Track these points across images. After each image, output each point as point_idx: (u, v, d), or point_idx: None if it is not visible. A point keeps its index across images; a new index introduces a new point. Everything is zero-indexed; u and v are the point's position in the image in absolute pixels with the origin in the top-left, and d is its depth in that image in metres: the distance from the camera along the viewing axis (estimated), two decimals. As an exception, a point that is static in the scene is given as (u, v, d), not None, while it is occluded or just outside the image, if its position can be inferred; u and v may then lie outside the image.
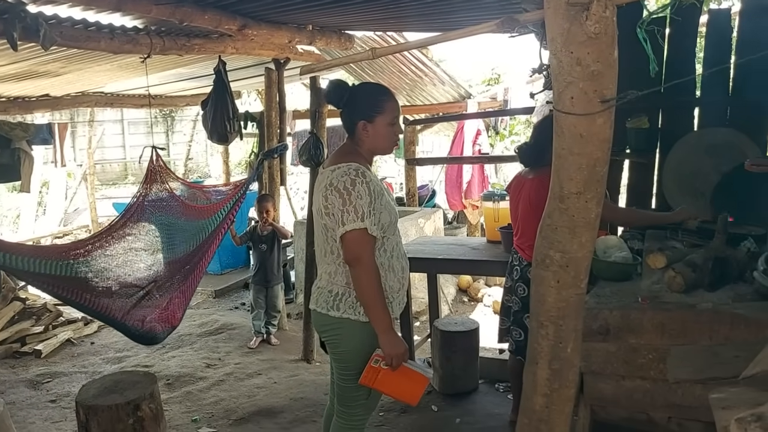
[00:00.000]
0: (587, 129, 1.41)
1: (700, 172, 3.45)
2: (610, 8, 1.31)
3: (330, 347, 2.45)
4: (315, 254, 2.55)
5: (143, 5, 3.37)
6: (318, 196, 2.33)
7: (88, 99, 7.62)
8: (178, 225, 4.58)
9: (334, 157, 2.40)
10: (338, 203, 2.23)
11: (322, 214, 2.30)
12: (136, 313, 4.01)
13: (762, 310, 2.13)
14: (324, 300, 2.38)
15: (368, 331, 2.31)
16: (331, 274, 2.37)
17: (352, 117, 2.39)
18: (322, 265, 2.43)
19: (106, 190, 14.57)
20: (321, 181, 2.35)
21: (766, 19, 3.37)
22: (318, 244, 2.44)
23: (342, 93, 2.38)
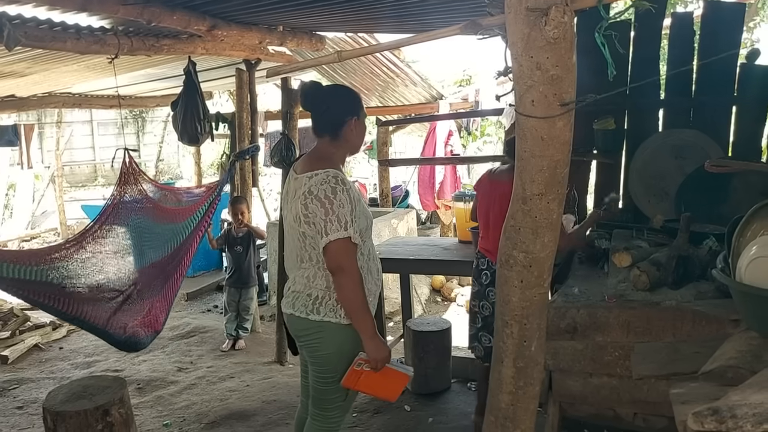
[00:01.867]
0: (548, 132, 1.44)
1: (665, 172, 3.53)
2: (568, 14, 1.34)
3: (309, 351, 2.42)
4: (285, 259, 2.53)
5: (110, 5, 3.32)
6: (295, 203, 2.28)
7: (56, 100, 7.50)
8: (154, 228, 4.53)
9: (308, 161, 2.37)
10: (320, 213, 2.20)
11: (301, 222, 2.26)
12: (117, 320, 3.95)
13: (722, 307, 2.19)
14: (302, 304, 2.35)
15: (349, 333, 2.32)
16: (309, 278, 2.34)
17: (341, 115, 2.36)
18: (297, 269, 2.40)
19: (75, 192, 14.34)
20: (297, 187, 2.31)
21: (726, 23, 3.46)
22: (291, 249, 2.41)
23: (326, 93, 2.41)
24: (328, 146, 2.38)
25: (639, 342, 2.27)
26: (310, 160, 2.37)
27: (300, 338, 2.43)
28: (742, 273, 1.73)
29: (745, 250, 1.77)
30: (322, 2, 3.70)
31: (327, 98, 2.38)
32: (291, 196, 2.36)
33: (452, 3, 3.65)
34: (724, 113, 3.55)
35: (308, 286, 2.35)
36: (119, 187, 4.49)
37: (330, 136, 2.37)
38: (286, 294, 2.47)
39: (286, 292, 2.49)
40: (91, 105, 8.24)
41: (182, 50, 4.63)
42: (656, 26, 3.63)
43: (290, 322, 2.45)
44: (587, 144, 3.69)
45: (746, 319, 1.81)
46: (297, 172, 2.38)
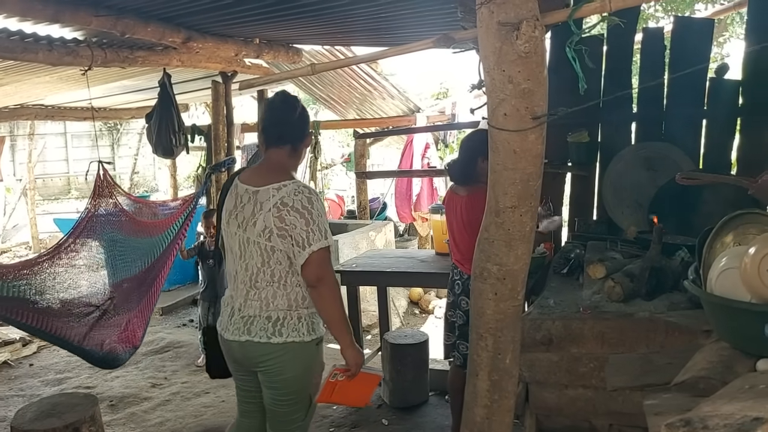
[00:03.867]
0: (520, 145, 1.45)
1: (638, 184, 3.57)
2: (539, 29, 1.35)
3: (270, 375, 2.30)
4: (230, 279, 2.38)
5: (82, 17, 3.29)
6: (263, 216, 2.19)
7: (28, 111, 7.39)
8: (129, 242, 4.46)
9: (266, 173, 2.28)
10: (300, 223, 2.15)
11: (272, 235, 2.18)
12: (94, 336, 3.86)
13: (693, 318, 2.21)
14: (260, 328, 2.24)
15: (312, 350, 2.31)
16: (267, 300, 2.25)
17: (304, 130, 2.35)
18: (250, 290, 2.27)
19: (47, 205, 14.11)
20: (261, 200, 2.21)
21: (696, 38, 3.53)
22: (244, 268, 2.27)
23: (298, 104, 2.36)
24: (286, 158, 2.32)
25: (613, 353, 2.28)
26: (269, 171, 2.28)
27: (260, 365, 2.29)
28: (712, 284, 1.74)
29: (715, 261, 1.79)
30: (298, 15, 3.70)
31: (297, 110, 2.34)
32: (249, 210, 2.24)
33: (427, 17, 3.68)
34: (695, 126, 3.60)
35: (265, 308, 2.25)
36: (93, 200, 4.42)
37: (291, 148, 2.32)
38: (232, 320, 2.31)
39: (229, 317, 2.33)
40: (64, 117, 8.14)
41: (157, 62, 4.60)
42: (628, 41, 3.69)
43: (244, 350, 2.29)
44: (562, 156, 3.73)
45: (717, 329, 1.83)
46: (251, 184, 2.27)
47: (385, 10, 3.53)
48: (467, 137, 3.33)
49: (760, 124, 3.47)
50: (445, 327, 3.43)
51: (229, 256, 2.35)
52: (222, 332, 2.36)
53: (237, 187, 2.32)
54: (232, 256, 2.33)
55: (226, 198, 2.37)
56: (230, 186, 2.37)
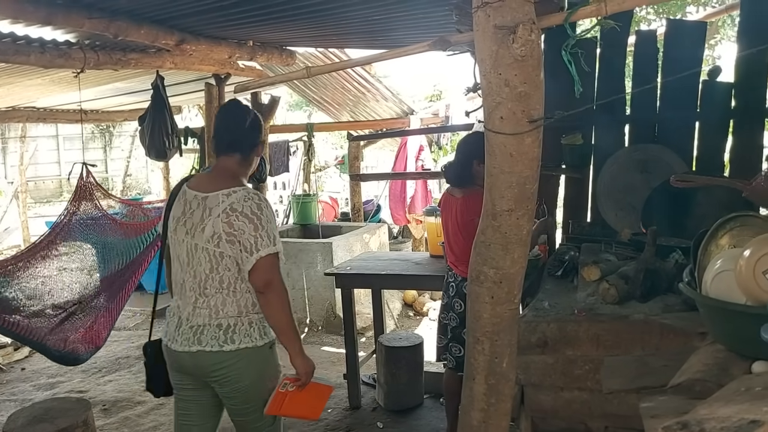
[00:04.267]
0: (517, 148, 1.45)
1: (632, 186, 3.58)
2: (535, 32, 1.35)
3: (225, 385, 2.24)
4: (175, 287, 2.32)
5: (75, 19, 3.27)
6: (212, 222, 2.17)
7: (19, 114, 7.35)
8: (108, 243, 4.42)
9: (216, 179, 2.27)
10: (249, 229, 2.15)
11: (221, 241, 2.16)
12: (57, 334, 3.84)
13: (688, 320, 2.21)
14: (211, 337, 2.19)
15: (266, 353, 2.28)
16: (216, 308, 2.20)
17: (257, 137, 2.36)
18: (198, 298, 2.22)
19: (39, 208, 14.04)
20: (210, 206, 2.20)
21: (688, 40, 3.55)
22: (192, 275, 2.23)
23: (250, 112, 2.37)
24: (237, 165, 2.32)
25: (608, 355, 2.28)
26: (219, 177, 2.28)
27: (212, 374, 2.23)
28: (707, 286, 1.75)
29: (710, 263, 1.80)
30: (292, 18, 3.69)
31: (248, 119, 2.34)
32: (198, 216, 2.21)
33: (421, 20, 3.68)
34: (688, 128, 3.62)
35: (215, 316, 2.21)
36: (73, 202, 4.38)
37: (241, 155, 2.31)
38: (180, 330, 2.24)
39: (176, 328, 2.26)
40: (56, 119, 8.09)
41: (150, 64, 4.58)
42: (621, 44, 3.70)
43: (196, 360, 2.22)
44: (556, 159, 3.74)
45: (712, 332, 1.83)
46: (201, 190, 2.25)
47: (379, 13, 3.52)
48: (463, 140, 3.34)
49: (753, 127, 3.50)
50: (438, 329, 3.44)
51: (176, 265, 2.30)
52: (169, 344, 2.28)
53: (186, 193, 2.29)
54: (179, 264, 2.28)
55: (174, 205, 2.32)
56: (178, 192, 2.33)
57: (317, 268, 6.19)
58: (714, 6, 8.60)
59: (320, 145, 11.93)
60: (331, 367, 5.30)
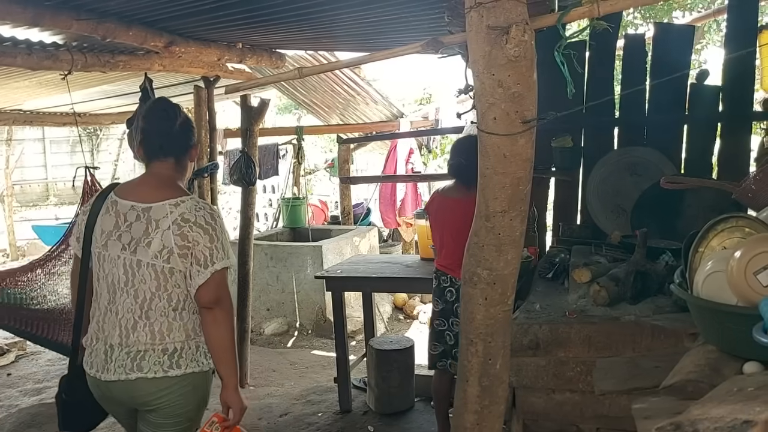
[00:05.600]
0: (510, 149, 1.45)
1: (622, 189, 3.60)
2: (528, 33, 1.35)
3: (167, 411, 2.05)
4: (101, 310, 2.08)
5: (63, 20, 3.24)
6: (162, 234, 1.98)
7: (5, 117, 7.26)
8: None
9: (154, 187, 2.08)
10: (204, 240, 1.98)
11: (172, 254, 1.97)
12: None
13: (679, 321, 2.22)
14: (155, 362, 2.00)
15: (208, 378, 2.12)
16: (161, 332, 2.02)
17: (190, 140, 2.19)
18: (138, 320, 2.02)
19: (25, 211, 13.90)
20: (153, 217, 2.00)
21: (676, 44, 3.57)
22: (132, 295, 2.02)
23: (179, 112, 2.17)
24: (171, 171, 2.13)
25: (600, 357, 2.29)
26: (158, 186, 2.08)
27: (152, 402, 2.03)
28: (698, 287, 1.75)
29: (701, 265, 1.80)
30: (281, 20, 3.68)
31: (178, 119, 2.13)
32: (140, 229, 2.01)
33: (412, 23, 3.68)
34: (677, 131, 3.65)
35: (160, 340, 2.02)
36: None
37: (175, 159, 2.13)
38: (112, 357, 2.02)
39: (105, 355, 2.03)
40: (43, 122, 8.01)
41: (138, 67, 4.54)
42: (611, 47, 3.72)
43: (133, 389, 2.01)
44: (546, 162, 3.74)
45: (704, 332, 1.83)
46: (138, 200, 2.05)
47: (368, 15, 3.52)
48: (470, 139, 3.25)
49: (740, 129, 3.53)
50: (431, 336, 3.37)
51: (101, 285, 2.07)
52: (96, 374, 2.05)
53: (117, 204, 2.06)
54: (105, 284, 2.05)
55: (100, 218, 2.08)
56: (102, 204, 2.09)
57: (307, 271, 6.17)
58: (700, 11, 8.68)
59: (310, 148, 11.90)
60: (322, 371, 5.28)
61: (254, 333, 6.10)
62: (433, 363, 3.35)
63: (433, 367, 3.39)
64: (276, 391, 4.79)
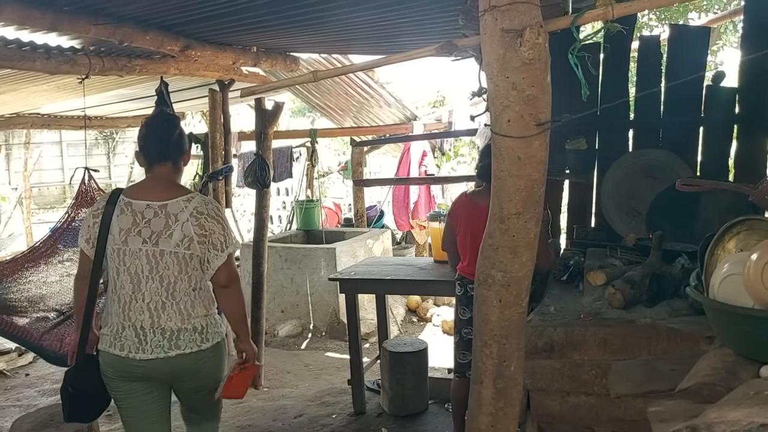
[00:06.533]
0: (524, 151, 1.45)
1: (637, 191, 3.58)
2: (543, 35, 1.35)
3: (200, 381, 2.42)
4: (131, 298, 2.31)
5: (81, 25, 3.28)
6: (182, 225, 2.28)
7: (24, 120, 7.37)
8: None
9: (163, 187, 2.37)
10: (218, 228, 2.34)
11: (192, 243, 2.29)
12: (53, 336, 3.85)
13: (695, 324, 2.21)
14: (189, 340, 2.31)
15: (226, 342, 2.53)
16: (186, 311, 2.32)
17: (184, 146, 2.49)
18: (165, 302, 2.30)
19: (43, 214, 14.07)
20: (171, 212, 2.30)
21: (692, 46, 3.55)
22: (157, 280, 2.29)
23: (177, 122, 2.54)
24: (171, 173, 2.43)
25: (615, 360, 2.28)
26: (166, 186, 2.38)
27: (187, 373, 2.36)
28: (715, 290, 1.74)
29: (717, 267, 1.79)
30: (296, 24, 3.71)
31: (177, 128, 2.47)
32: (160, 223, 2.29)
33: (425, 26, 3.69)
34: (692, 133, 3.62)
35: (187, 320, 2.32)
36: (75, 207, 4.38)
37: (173, 163, 2.42)
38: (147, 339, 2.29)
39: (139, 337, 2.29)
40: (60, 126, 8.11)
41: (155, 70, 4.59)
42: (625, 48, 3.71)
43: (172, 364, 2.31)
44: (560, 164, 3.73)
45: (720, 335, 1.82)
46: (152, 199, 2.33)
47: (383, 18, 3.54)
48: None
49: (757, 131, 3.50)
50: (459, 345, 3.29)
51: (124, 278, 2.31)
52: (129, 354, 2.29)
53: (132, 204, 2.32)
54: (128, 276, 2.30)
55: (116, 218, 2.31)
56: (113, 207, 2.33)
57: (321, 273, 6.20)
58: (716, 12, 8.61)
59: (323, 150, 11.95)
60: (336, 373, 5.30)
61: (268, 335, 6.13)
62: (463, 371, 3.25)
63: (462, 375, 3.27)
64: (290, 392, 4.81)
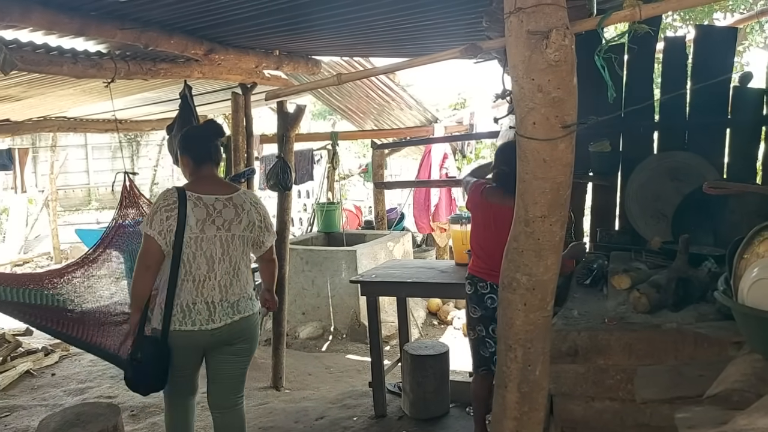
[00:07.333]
0: (550, 154, 1.44)
1: (662, 194, 3.53)
2: (569, 37, 1.34)
3: (248, 342, 2.86)
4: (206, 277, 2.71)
5: (107, 30, 3.33)
6: (246, 215, 2.79)
7: (51, 124, 7.49)
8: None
9: (220, 184, 2.88)
10: (267, 215, 2.92)
11: (254, 227, 2.82)
12: (112, 336, 3.87)
13: (723, 329, 2.17)
14: (245, 306, 2.80)
15: None
16: (245, 282, 2.83)
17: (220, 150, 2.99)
18: (233, 278, 2.76)
19: (68, 216, 14.29)
20: (237, 203, 2.79)
21: (718, 46, 3.50)
22: (227, 260, 2.75)
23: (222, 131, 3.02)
24: (216, 172, 2.92)
25: (641, 365, 2.25)
26: (221, 182, 2.92)
27: (244, 334, 2.81)
28: (744, 295, 1.71)
29: (746, 271, 1.76)
30: (319, 27, 3.73)
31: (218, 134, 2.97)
32: (230, 212, 2.75)
33: (448, 28, 3.69)
34: (719, 135, 3.57)
35: (245, 289, 2.83)
36: (120, 210, 4.44)
37: (216, 164, 2.91)
38: (216, 311, 2.71)
39: (209, 311, 2.70)
40: (86, 129, 8.23)
41: (179, 74, 4.64)
42: (650, 49, 3.66)
43: (235, 327, 2.75)
44: (583, 166, 3.69)
45: (750, 341, 1.79)
46: (217, 193, 2.77)
47: (405, 21, 3.54)
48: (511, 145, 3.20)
49: (786, 133, 3.43)
50: (475, 343, 3.28)
51: (200, 261, 2.69)
52: (201, 327, 2.69)
53: (201, 199, 2.72)
54: (204, 259, 2.70)
55: (191, 211, 2.68)
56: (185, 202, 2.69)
57: (342, 275, 6.21)
58: (742, 12, 8.47)
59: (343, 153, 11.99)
60: (357, 375, 5.30)
61: (290, 337, 6.15)
62: (487, 366, 3.24)
63: (488, 371, 3.24)
64: (312, 394, 4.82)
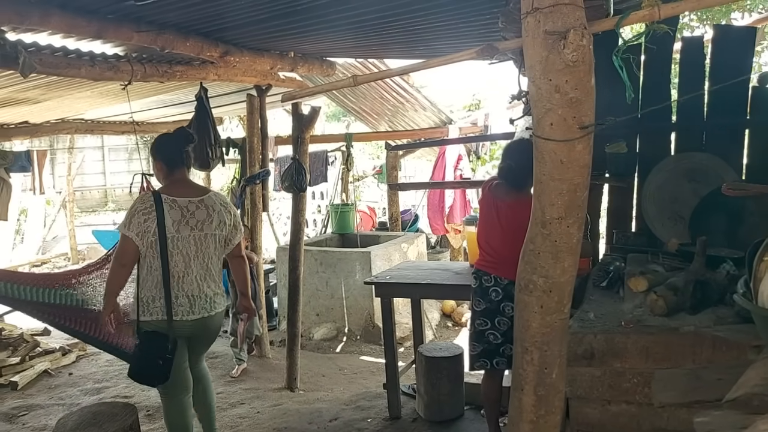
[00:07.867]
0: (567, 155, 1.43)
1: (679, 195, 3.50)
2: (586, 37, 1.33)
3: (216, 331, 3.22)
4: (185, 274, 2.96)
5: (124, 33, 3.36)
6: (218, 213, 3.04)
7: (68, 126, 7.57)
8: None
9: (191, 187, 3.13)
10: (236, 214, 3.20)
11: (225, 226, 3.06)
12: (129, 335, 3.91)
13: (742, 333, 2.14)
14: (219, 302, 3.09)
15: None
16: (215, 279, 3.06)
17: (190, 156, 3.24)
18: (206, 274, 3.01)
19: (85, 217, 14.43)
20: (208, 204, 3.03)
21: (737, 46, 3.46)
22: (201, 258, 2.99)
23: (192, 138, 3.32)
24: (187, 175, 3.17)
25: (658, 368, 2.22)
26: (192, 186, 3.17)
27: (216, 326, 3.17)
28: (764, 298, 1.69)
29: (766, 274, 1.74)
30: (333, 29, 3.73)
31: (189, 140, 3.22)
32: (202, 213, 2.99)
33: (462, 29, 3.68)
34: (737, 136, 3.53)
35: (216, 287, 3.07)
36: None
37: (187, 168, 3.17)
38: (197, 303, 2.98)
39: (190, 303, 2.97)
40: (103, 131, 8.31)
41: (195, 76, 4.68)
42: (667, 50, 3.63)
43: (210, 321, 3.06)
44: (599, 168, 3.66)
45: (770, 344, 1.77)
46: (190, 196, 3.01)
47: (419, 22, 3.54)
48: (523, 143, 3.20)
49: (806, 134, 3.38)
50: (471, 337, 3.32)
51: (177, 258, 2.93)
52: (183, 318, 2.96)
53: (176, 201, 2.96)
54: (181, 257, 2.94)
55: (167, 213, 2.91)
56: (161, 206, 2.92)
57: (356, 277, 6.20)
58: (760, 12, 8.37)
59: (358, 155, 12.00)
60: (371, 377, 5.30)
61: (304, 338, 6.16)
62: (473, 364, 3.30)
63: (473, 369, 3.34)
64: (326, 396, 4.83)
